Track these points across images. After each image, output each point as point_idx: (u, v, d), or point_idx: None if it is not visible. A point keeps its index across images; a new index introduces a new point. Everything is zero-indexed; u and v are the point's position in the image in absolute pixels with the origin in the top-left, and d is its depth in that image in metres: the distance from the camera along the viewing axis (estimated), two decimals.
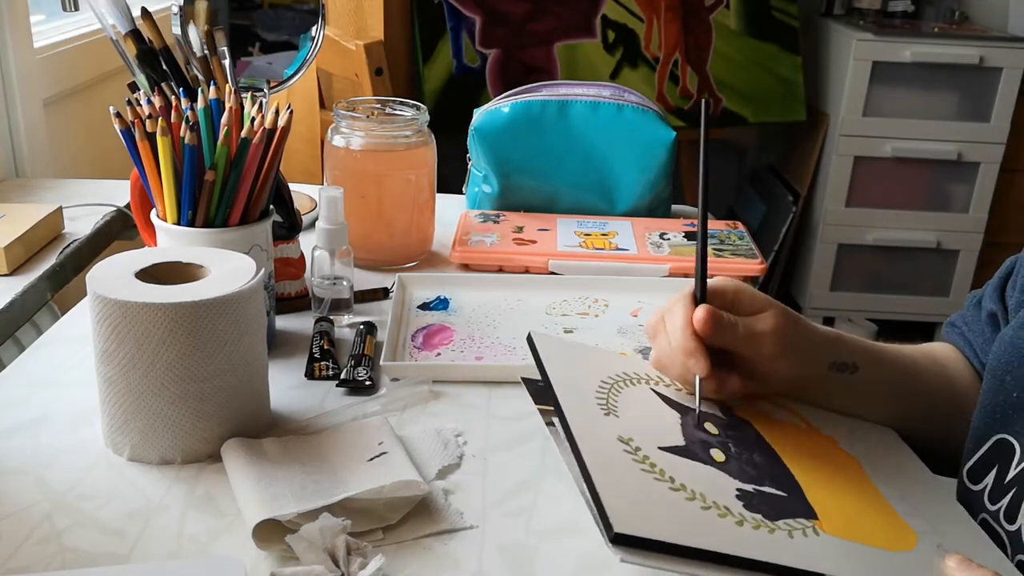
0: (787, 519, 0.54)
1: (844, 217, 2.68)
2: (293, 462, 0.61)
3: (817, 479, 0.60)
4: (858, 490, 0.61)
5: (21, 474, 0.62)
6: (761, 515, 0.53)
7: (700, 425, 0.61)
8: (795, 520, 0.54)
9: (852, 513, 0.58)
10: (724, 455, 0.58)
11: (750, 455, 0.59)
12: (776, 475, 0.58)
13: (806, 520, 0.54)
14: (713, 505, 0.52)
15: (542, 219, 1.08)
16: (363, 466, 0.61)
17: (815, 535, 0.53)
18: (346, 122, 0.95)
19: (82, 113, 1.41)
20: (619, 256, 0.98)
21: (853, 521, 0.57)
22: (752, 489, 0.55)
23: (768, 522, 0.52)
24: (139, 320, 0.59)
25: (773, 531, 0.52)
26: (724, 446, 0.59)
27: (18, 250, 0.95)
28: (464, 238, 1.01)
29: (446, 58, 2.27)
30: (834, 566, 0.51)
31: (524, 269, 0.98)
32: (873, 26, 2.60)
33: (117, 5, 0.80)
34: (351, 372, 0.75)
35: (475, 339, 0.83)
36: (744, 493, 0.55)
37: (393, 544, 0.57)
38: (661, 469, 0.54)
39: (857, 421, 0.69)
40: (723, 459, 0.58)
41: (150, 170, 0.72)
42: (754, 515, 0.53)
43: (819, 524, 0.54)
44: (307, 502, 0.56)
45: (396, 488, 0.58)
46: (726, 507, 0.52)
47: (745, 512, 0.53)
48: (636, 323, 0.87)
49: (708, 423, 0.62)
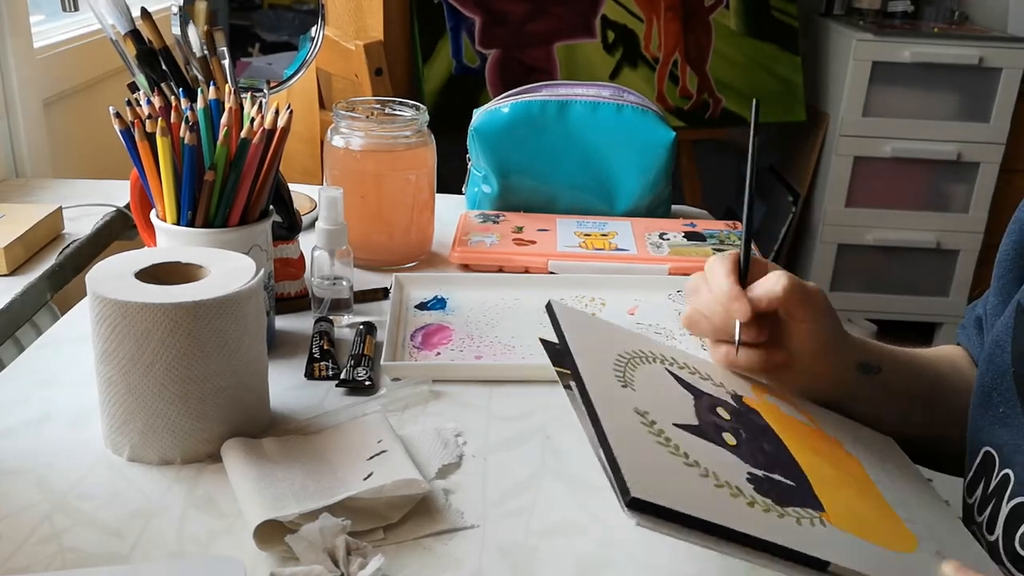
0: (796, 507, 0.54)
1: (844, 217, 2.68)
2: (293, 462, 0.61)
3: (824, 475, 0.60)
4: (862, 490, 0.62)
5: (21, 474, 0.62)
6: (771, 499, 0.53)
7: (712, 409, 0.61)
8: (803, 509, 0.54)
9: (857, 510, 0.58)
10: (735, 439, 0.58)
11: (760, 443, 0.60)
12: (785, 465, 0.58)
13: (813, 511, 0.54)
14: (726, 484, 0.52)
15: (542, 219, 1.08)
16: (363, 464, 0.61)
17: (822, 525, 0.53)
18: (346, 122, 0.95)
19: (82, 113, 1.41)
20: (619, 256, 0.99)
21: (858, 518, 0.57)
22: (762, 474, 0.55)
23: (777, 507, 0.53)
24: (139, 320, 0.59)
25: (782, 516, 0.52)
26: (735, 431, 0.59)
27: (18, 250, 0.95)
28: (464, 238, 1.01)
29: (446, 58, 2.27)
30: (840, 555, 0.51)
31: (524, 269, 0.98)
32: (873, 26, 2.61)
33: (117, 5, 0.80)
34: (351, 372, 0.75)
35: (474, 338, 0.83)
36: (755, 476, 0.55)
37: (393, 544, 0.56)
38: (676, 444, 0.54)
39: (860, 428, 0.70)
40: (735, 443, 0.58)
41: (150, 170, 0.72)
42: (764, 499, 0.53)
43: (826, 516, 0.55)
44: (308, 502, 0.56)
45: (397, 487, 0.58)
46: (738, 488, 0.52)
47: (756, 495, 0.53)
48: (633, 321, 0.87)
49: (720, 408, 0.62)
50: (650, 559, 0.57)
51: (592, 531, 0.60)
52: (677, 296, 0.91)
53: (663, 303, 0.91)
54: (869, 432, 0.70)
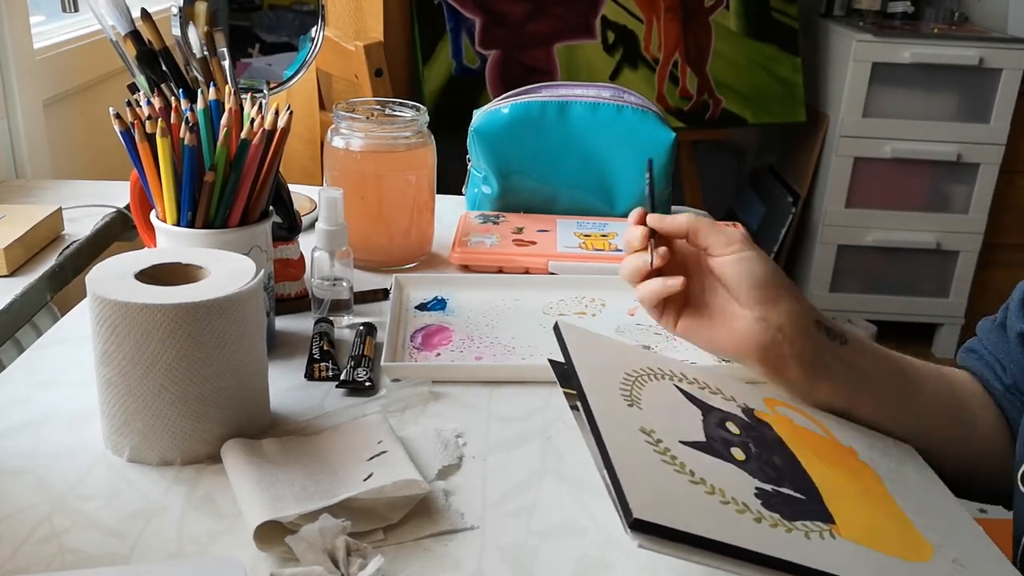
0: (804, 521, 0.54)
1: (844, 218, 2.68)
2: (293, 463, 0.61)
3: (835, 486, 0.60)
4: (876, 499, 0.61)
5: (21, 475, 0.62)
6: (779, 514, 0.53)
7: (722, 424, 0.61)
8: (812, 523, 0.54)
9: (869, 521, 0.58)
10: (744, 454, 0.58)
11: (770, 456, 0.60)
12: (795, 478, 0.58)
13: (823, 524, 0.54)
14: (732, 501, 0.52)
15: (542, 220, 1.08)
16: (363, 465, 0.61)
17: (831, 538, 0.53)
18: (346, 123, 0.95)
19: (82, 114, 1.41)
20: (619, 257, 0.98)
21: (870, 529, 0.57)
22: (771, 489, 0.56)
23: (786, 521, 0.53)
24: (139, 321, 0.59)
25: (790, 531, 0.52)
26: (744, 446, 0.60)
27: (18, 251, 0.95)
28: (464, 239, 1.01)
29: (446, 59, 2.27)
30: (848, 568, 0.51)
31: (524, 270, 0.98)
32: (873, 27, 2.61)
33: (117, 6, 0.80)
34: (351, 373, 0.75)
35: (474, 339, 0.83)
36: (763, 492, 0.55)
37: (393, 545, 0.56)
38: (682, 462, 0.54)
39: (876, 435, 0.69)
40: (743, 458, 0.58)
41: (150, 171, 0.72)
42: (772, 514, 0.53)
43: (836, 528, 0.55)
44: (308, 503, 0.56)
45: (397, 488, 0.58)
46: (744, 504, 0.53)
47: (763, 510, 0.53)
48: (633, 322, 0.87)
49: (730, 423, 0.62)
50: (650, 560, 0.57)
51: (592, 532, 0.60)
52: None
53: None
54: (886, 440, 0.70)
